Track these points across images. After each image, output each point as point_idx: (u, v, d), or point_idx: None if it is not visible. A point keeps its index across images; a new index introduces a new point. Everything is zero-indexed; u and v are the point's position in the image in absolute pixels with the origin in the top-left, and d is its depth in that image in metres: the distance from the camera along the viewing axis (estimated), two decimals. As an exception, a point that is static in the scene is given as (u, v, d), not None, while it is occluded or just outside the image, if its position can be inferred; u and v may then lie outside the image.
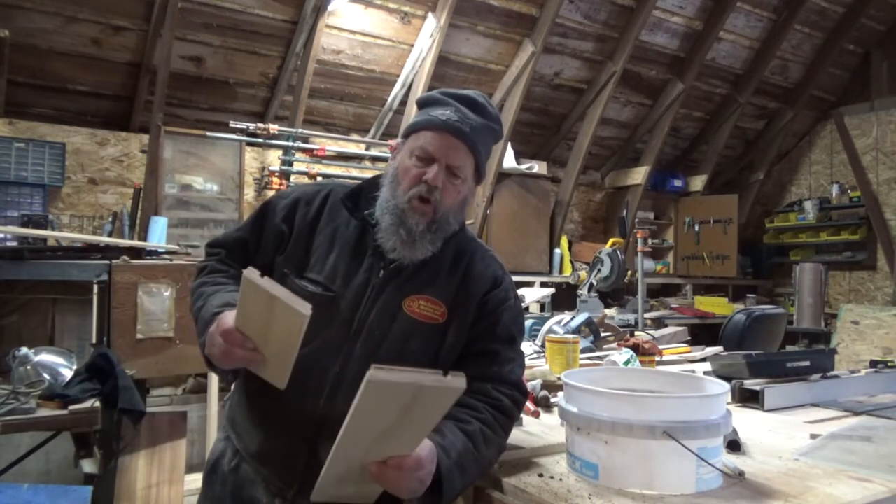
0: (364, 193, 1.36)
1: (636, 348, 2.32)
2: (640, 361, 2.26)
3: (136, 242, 3.97)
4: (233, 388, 1.45)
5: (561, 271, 6.25)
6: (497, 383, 1.27)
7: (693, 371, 2.29)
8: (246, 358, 1.12)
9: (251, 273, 1.03)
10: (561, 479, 1.24)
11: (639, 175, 6.70)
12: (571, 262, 6.32)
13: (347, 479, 1.05)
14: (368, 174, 5.13)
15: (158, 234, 4.34)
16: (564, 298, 5.36)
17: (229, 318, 1.12)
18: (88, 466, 2.57)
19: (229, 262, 1.38)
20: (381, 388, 0.91)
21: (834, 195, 7.06)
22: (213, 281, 1.32)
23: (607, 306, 5.29)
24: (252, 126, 4.86)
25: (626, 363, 2.12)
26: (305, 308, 1.01)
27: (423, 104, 1.35)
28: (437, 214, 1.28)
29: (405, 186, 1.28)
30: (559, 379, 1.65)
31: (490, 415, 1.22)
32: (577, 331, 2.62)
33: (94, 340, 2.98)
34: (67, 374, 2.47)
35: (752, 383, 1.86)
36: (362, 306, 1.27)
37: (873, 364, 2.32)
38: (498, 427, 1.23)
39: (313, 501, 1.09)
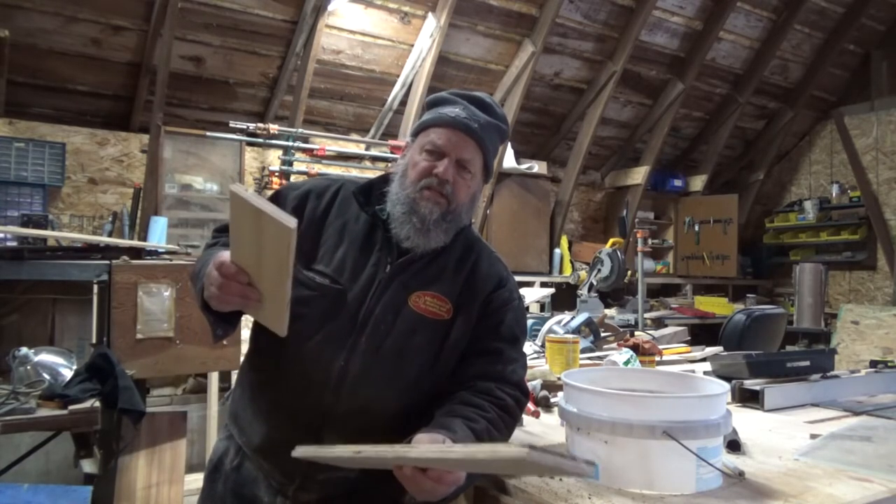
0: (375, 189, 1.37)
1: (636, 348, 2.33)
2: (640, 361, 2.26)
3: (136, 242, 3.98)
4: (234, 382, 1.46)
5: (561, 271, 6.25)
6: (500, 383, 1.28)
7: (693, 371, 2.29)
8: (242, 293, 1.10)
9: (237, 187, 0.99)
10: (561, 479, 1.24)
11: (639, 175, 6.70)
12: (571, 262, 6.32)
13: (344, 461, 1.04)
14: (368, 174, 5.17)
15: (158, 234, 4.34)
16: (564, 298, 5.36)
17: (225, 253, 1.13)
18: (88, 466, 2.57)
19: None
20: (525, 464, 0.86)
21: (834, 195, 7.06)
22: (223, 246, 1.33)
23: (607, 306, 5.29)
24: (252, 126, 4.86)
25: (626, 363, 2.12)
26: (291, 221, 0.97)
27: (432, 104, 1.37)
28: (451, 206, 1.29)
29: (414, 178, 1.29)
30: (559, 379, 1.65)
31: (495, 414, 1.23)
32: (577, 331, 2.62)
33: (94, 340, 2.98)
34: (67, 374, 2.46)
35: (752, 383, 1.86)
36: (368, 300, 1.27)
37: (873, 364, 2.32)
38: (502, 426, 1.24)
39: (293, 457, 1.08)
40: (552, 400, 1.77)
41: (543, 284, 5.78)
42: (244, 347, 2.72)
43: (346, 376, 1.24)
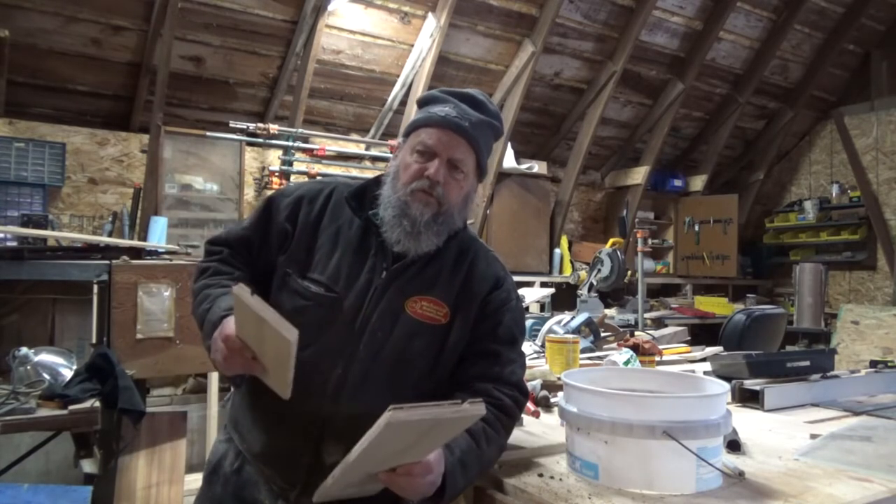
0: (368, 193, 1.35)
1: (636, 348, 2.32)
2: (640, 361, 2.26)
3: (136, 242, 3.98)
4: (233, 388, 1.45)
5: (561, 271, 6.25)
6: (498, 384, 1.27)
7: (693, 371, 2.29)
8: (245, 367, 1.11)
9: (241, 291, 1.01)
10: (561, 479, 1.24)
11: (639, 175, 6.70)
12: (571, 262, 6.32)
13: (353, 483, 1.05)
14: (368, 174, 5.15)
15: (158, 234, 4.34)
16: (564, 298, 5.36)
17: (232, 323, 1.12)
18: (88, 466, 2.57)
19: (232, 261, 1.36)
20: (400, 426, 0.90)
21: (834, 195, 7.06)
22: (219, 283, 1.31)
23: (607, 306, 5.29)
24: (252, 126, 4.86)
25: (626, 363, 2.12)
26: (291, 333, 0.99)
27: (423, 103, 1.36)
28: (441, 207, 1.27)
29: (405, 180, 1.28)
30: (559, 379, 1.65)
31: (492, 414, 1.22)
32: (577, 331, 2.62)
33: (94, 340, 2.98)
34: (67, 374, 2.46)
35: (752, 383, 1.86)
36: (365, 307, 1.26)
37: (873, 364, 2.32)
38: (500, 426, 1.24)
39: (315, 502, 1.09)
40: (552, 400, 1.77)
41: (543, 284, 5.78)
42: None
43: (345, 384, 1.23)
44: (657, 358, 2.43)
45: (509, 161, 5.85)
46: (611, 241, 4.84)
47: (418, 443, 0.98)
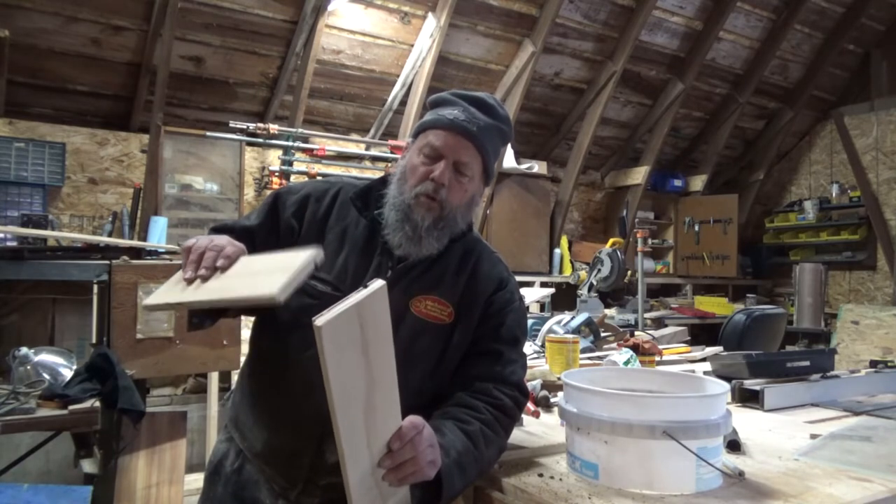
0: (373, 193, 1.36)
1: (636, 348, 2.33)
2: (640, 361, 2.26)
3: (136, 242, 3.98)
4: (234, 386, 1.45)
5: (561, 271, 6.25)
6: (499, 384, 1.27)
7: (693, 371, 2.29)
8: (201, 268, 1.11)
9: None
10: (561, 479, 1.24)
11: (639, 175, 6.70)
12: (571, 262, 6.32)
13: (369, 485, 1.01)
14: (368, 174, 5.17)
15: (158, 234, 4.35)
16: (564, 298, 5.36)
17: (244, 253, 1.16)
18: (88, 466, 2.58)
19: None
20: (334, 328, 0.92)
21: (834, 195, 7.06)
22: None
23: (607, 306, 5.29)
24: (252, 126, 4.86)
25: (626, 363, 2.12)
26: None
27: (433, 104, 1.36)
28: (443, 211, 1.27)
29: (412, 183, 1.28)
30: (559, 379, 1.65)
31: (491, 415, 1.22)
32: (577, 331, 2.62)
33: (94, 340, 2.98)
34: (67, 374, 2.47)
35: (752, 383, 1.86)
36: None
37: (873, 364, 2.32)
38: (498, 427, 1.23)
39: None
40: (552, 400, 1.77)
41: (543, 284, 5.78)
42: (244, 347, 2.70)
43: None
44: (657, 358, 2.43)
45: (509, 161, 5.86)
46: (611, 241, 4.84)
47: (368, 365, 0.98)
